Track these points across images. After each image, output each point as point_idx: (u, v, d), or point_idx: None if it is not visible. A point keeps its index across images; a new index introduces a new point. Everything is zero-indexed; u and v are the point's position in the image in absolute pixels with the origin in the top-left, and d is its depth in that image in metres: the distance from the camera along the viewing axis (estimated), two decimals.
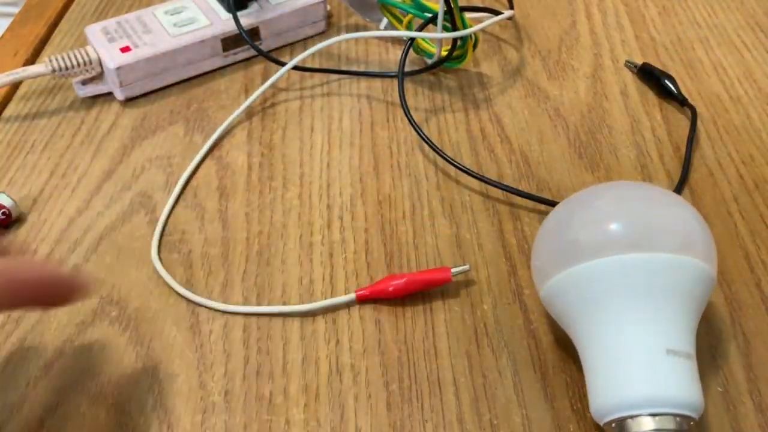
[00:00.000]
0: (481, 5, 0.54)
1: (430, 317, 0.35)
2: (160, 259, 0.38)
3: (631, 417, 0.27)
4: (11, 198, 0.40)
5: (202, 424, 0.32)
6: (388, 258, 0.38)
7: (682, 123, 0.45)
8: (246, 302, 0.36)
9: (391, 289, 0.35)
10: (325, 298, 0.36)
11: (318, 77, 0.50)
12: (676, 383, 0.28)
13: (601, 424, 0.29)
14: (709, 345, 0.34)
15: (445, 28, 0.45)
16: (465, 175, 0.42)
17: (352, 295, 0.36)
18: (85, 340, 0.35)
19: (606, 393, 0.28)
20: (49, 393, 0.33)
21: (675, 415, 0.27)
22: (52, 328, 0.35)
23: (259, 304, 0.36)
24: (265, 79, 0.50)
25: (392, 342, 0.34)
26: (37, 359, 0.34)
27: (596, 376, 0.29)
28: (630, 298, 0.29)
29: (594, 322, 0.30)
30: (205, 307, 0.36)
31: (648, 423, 0.27)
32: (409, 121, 0.43)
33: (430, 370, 0.33)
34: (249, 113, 0.47)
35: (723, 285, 0.36)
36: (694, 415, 0.28)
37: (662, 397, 0.27)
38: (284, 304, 0.36)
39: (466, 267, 0.36)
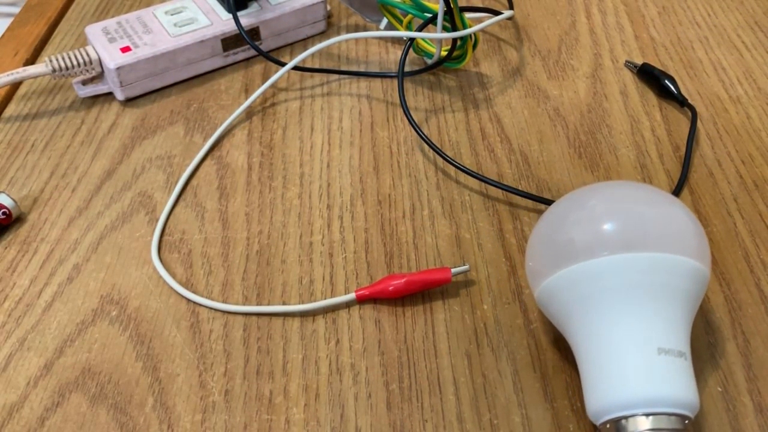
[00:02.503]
0: (481, 5, 0.54)
1: (430, 317, 0.35)
2: (160, 258, 0.38)
3: (626, 417, 0.28)
4: (11, 198, 0.40)
5: (202, 423, 0.32)
6: (388, 258, 0.38)
7: (682, 123, 0.45)
8: (246, 302, 0.36)
9: (391, 288, 0.35)
10: (325, 298, 0.36)
11: (318, 77, 0.50)
12: (670, 382, 0.28)
13: (597, 424, 0.29)
14: (709, 345, 0.34)
15: (445, 28, 0.45)
16: (465, 175, 0.42)
17: (352, 295, 0.36)
18: (85, 340, 0.35)
19: (601, 393, 0.28)
20: (49, 393, 0.33)
21: (670, 414, 0.27)
22: (52, 328, 0.35)
23: (259, 303, 0.36)
24: (265, 79, 0.50)
25: (392, 342, 0.34)
26: (37, 359, 0.34)
27: (591, 376, 0.29)
28: (624, 298, 0.29)
29: (588, 322, 0.30)
30: (205, 306, 0.36)
31: (643, 423, 0.27)
32: (409, 121, 0.43)
33: (430, 370, 0.33)
34: (249, 113, 0.47)
35: (723, 285, 0.36)
36: (689, 413, 0.28)
37: (657, 396, 0.27)
38: (284, 303, 0.36)
39: (466, 267, 0.36)
